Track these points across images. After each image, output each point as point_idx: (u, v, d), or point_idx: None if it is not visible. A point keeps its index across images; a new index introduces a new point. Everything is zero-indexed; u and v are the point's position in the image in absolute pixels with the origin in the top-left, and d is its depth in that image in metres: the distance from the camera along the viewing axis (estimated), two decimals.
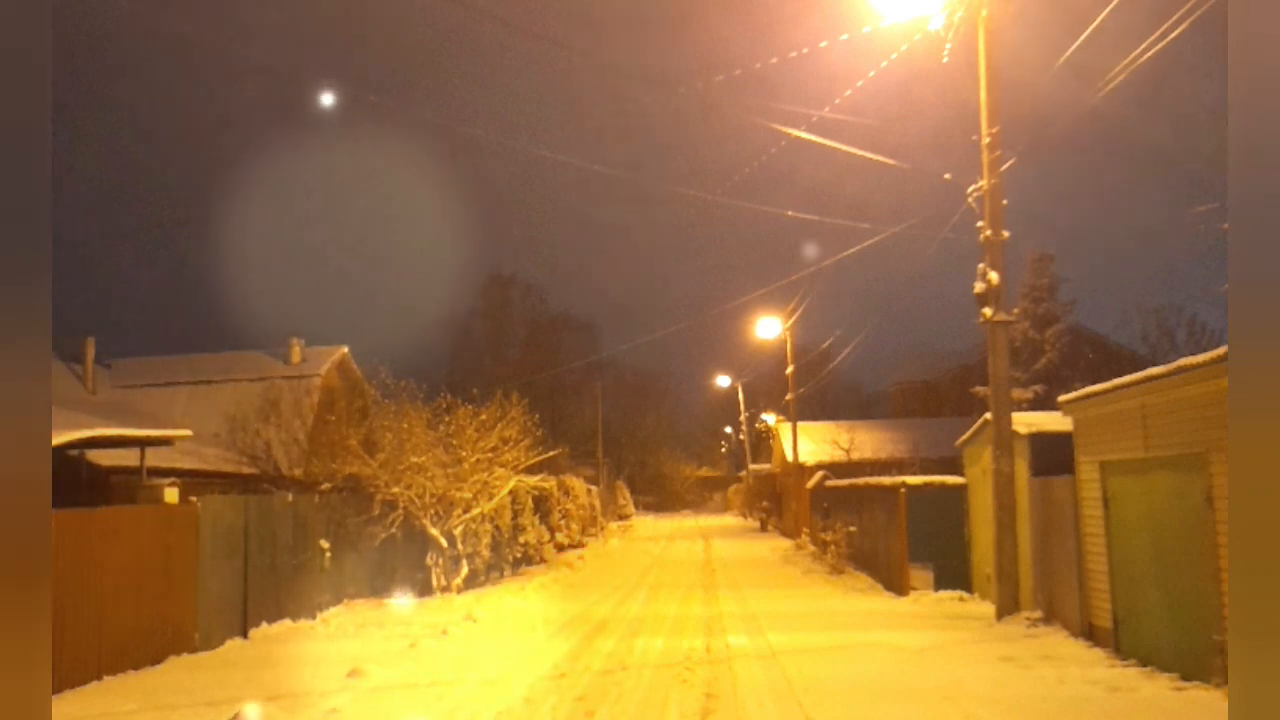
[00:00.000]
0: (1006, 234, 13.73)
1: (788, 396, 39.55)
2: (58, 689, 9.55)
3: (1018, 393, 30.23)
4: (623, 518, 52.63)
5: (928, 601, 15.95)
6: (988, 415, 14.55)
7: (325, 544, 16.13)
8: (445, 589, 18.10)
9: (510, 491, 20.60)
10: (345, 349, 29.83)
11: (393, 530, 17.62)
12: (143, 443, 14.58)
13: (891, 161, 17.14)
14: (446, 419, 19.16)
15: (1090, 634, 11.42)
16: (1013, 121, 14.29)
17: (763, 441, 60.67)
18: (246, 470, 20.09)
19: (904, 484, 17.57)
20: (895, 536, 17.49)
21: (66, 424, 13.89)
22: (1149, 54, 10.88)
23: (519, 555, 23.34)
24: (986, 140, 13.67)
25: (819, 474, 29.53)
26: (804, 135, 15.91)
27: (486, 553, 20.16)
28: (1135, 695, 8.65)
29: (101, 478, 17.07)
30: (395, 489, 17.68)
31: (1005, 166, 13.75)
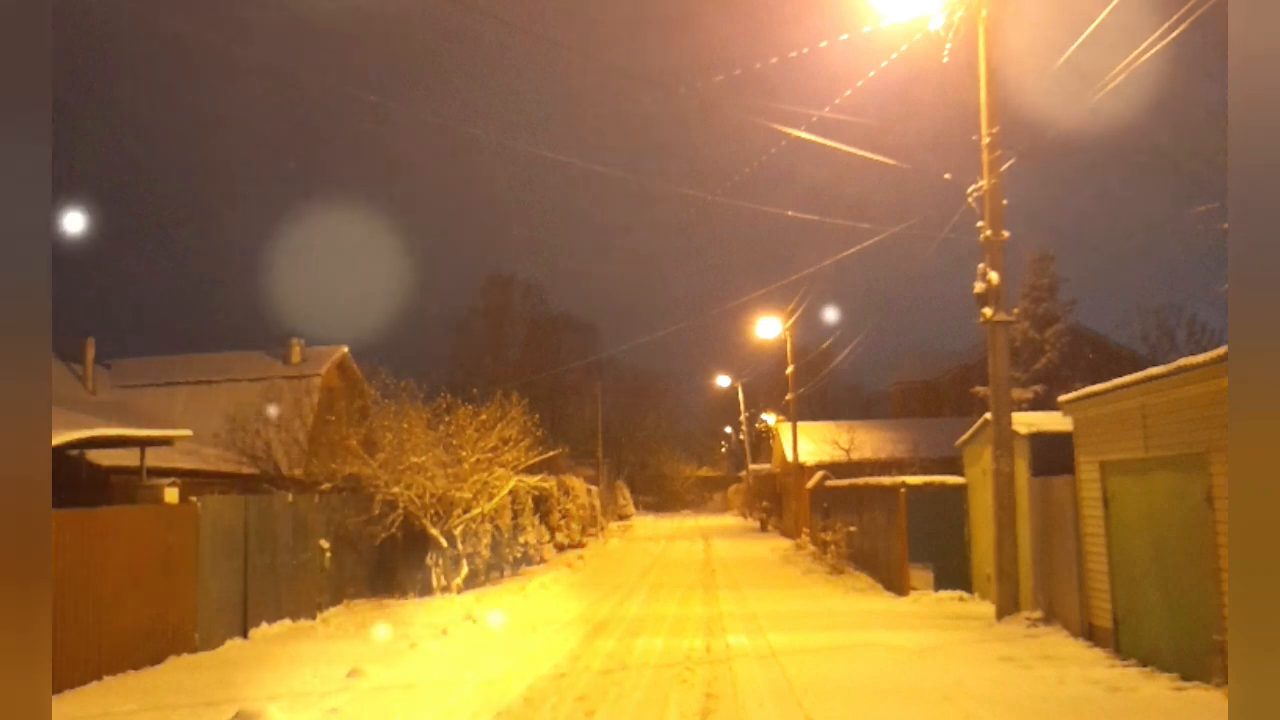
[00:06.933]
0: (1006, 234, 13.74)
1: (788, 396, 39.54)
2: (58, 689, 9.55)
3: (1018, 393, 30.22)
4: (623, 518, 52.62)
5: (928, 601, 15.95)
6: (988, 415, 14.55)
7: (325, 544, 16.13)
8: (445, 589, 18.09)
9: (510, 491, 20.60)
10: (345, 349, 29.84)
11: (393, 530, 17.61)
12: (143, 443, 14.58)
13: (891, 161, 17.13)
14: (446, 419, 19.16)
15: (1090, 634, 11.42)
16: (1013, 122, 14.30)
17: (763, 441, 60.66)
18: (246, 470, 20.09)
19: (904, 484, 17.57)
20: (895, 536, 17.49)
21: (66, 424, 13.88)
22: (1149, 54, 10.87)
23: (519, 555, 23.34)
24: (986, 140, 13.67)
25: (819, 474, 29.52)
26: (804, 135, 15.91)
27: (486, 553, 20.16)
28: (1135, 695, 8.65)
29: (101, 478, 17.07)
30: (395, 489, 17.68)
31: (1005, 166, 13.75)
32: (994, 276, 13.60)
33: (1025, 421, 14.04)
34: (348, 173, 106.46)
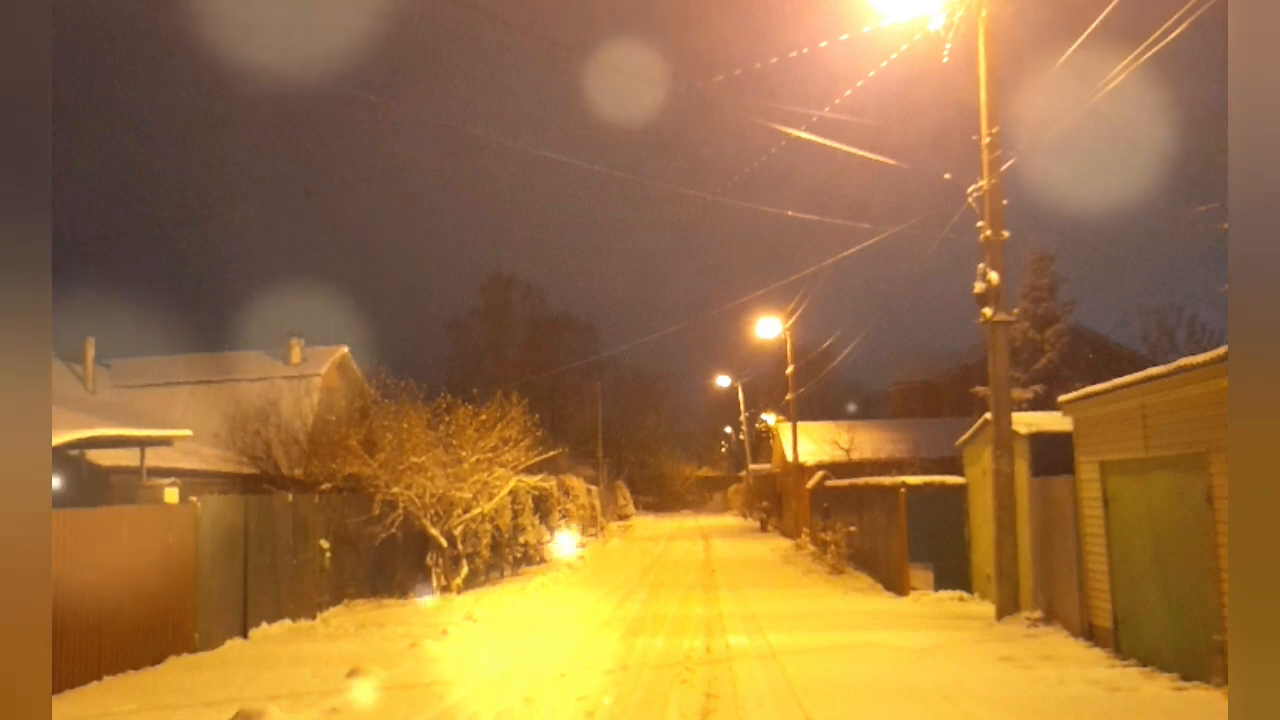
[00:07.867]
0: (1006, 234, 13.74)
1: (788, 396, 39.55)
2: (58, 689, 9.55)
3: (1018, 393, 30.21)
4: (623, 518, 52.60)
5: (928, 601, 15.95)
6: (988, 415, 14.55)
7: (325, 544, 16.13)
8: (445, 589, 18.10)
9: (510, 491, 20.60)
10: (345, 349, 29.89)
11: (393, 530, 17.62)
12: (143, 443, 14.59)
13: (891, 161, 17.10)
14: (446, 419, 19.16)
15: (1090, 634, 11.42)
16: (1013, 121, 14.32)
17: (763, 441, 60.65)
18: (246, 470, 20.10)
19: (904, 484, 17.57)
20: (895, 536, 17.49)
21: (66, 424, 13.90)
22: (1149, 54, 10.87)
23: (519, 555, 23.34)
24: (986, 140, 13.68)
25: (819, 474, 29.52)
26: (804, 135, 15.91)
27: (486, 553, 20.16)
28: (1135, 695, 8.65)
29: (101, 478, 17.09)
30: (395, 489, 17.68)
31: (1005, 166, 13.76)
32: (994, 276, 13.60)
33: (1025, 421, 14.04)
34: (348, 172, 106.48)
